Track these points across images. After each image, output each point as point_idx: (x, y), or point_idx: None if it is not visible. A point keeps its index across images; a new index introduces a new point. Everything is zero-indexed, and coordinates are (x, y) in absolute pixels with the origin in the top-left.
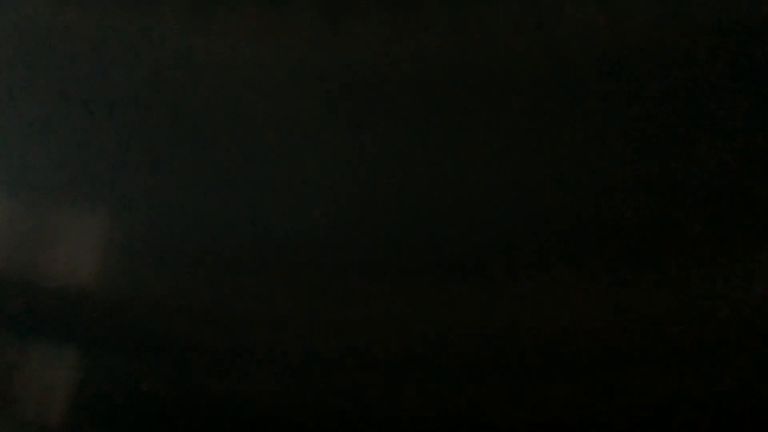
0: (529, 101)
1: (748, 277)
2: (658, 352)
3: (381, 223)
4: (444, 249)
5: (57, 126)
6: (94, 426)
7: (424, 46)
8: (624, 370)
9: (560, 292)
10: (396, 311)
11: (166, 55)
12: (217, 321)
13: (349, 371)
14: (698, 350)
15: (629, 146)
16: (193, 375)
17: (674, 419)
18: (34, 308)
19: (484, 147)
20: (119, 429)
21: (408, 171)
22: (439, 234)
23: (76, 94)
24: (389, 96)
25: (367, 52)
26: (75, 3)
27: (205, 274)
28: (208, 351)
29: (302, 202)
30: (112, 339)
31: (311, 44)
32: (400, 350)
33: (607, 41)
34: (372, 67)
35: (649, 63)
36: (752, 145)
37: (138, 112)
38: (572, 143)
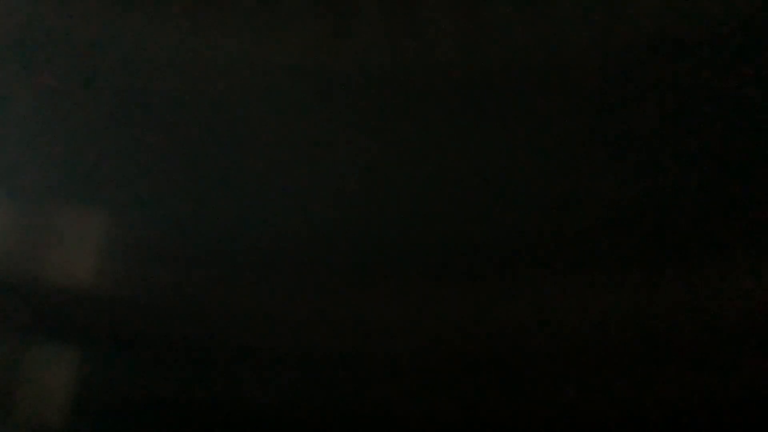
0: (529, 101)
1: (748, 277)
2: (658, 352)
3: (381, 223)
4: (444, 249)
5: (57, 126)
6: (94, 426)
7: (425, 47)
8: (624, 370)
9: (560, 292)
10: (396, 311)
11: (166, 55)
12: (217, 321)
13: (349, 371)
14: (698, 350)
15: (629, 146)
16: (193, 375)
17: (674, 419)
18: (34, 308)
19: (484, 147)
20: (119, 429)
21: (408, 171)
22: (439, 234)
23: (75, 94)
24: (390, 96)
25: (368, 52)
26: (74, 3)
27: (205, 274)
28: (208, 351)
29: (302, 202)
30: (112, 339)
31: (311, 44)
32: (400, 350)
33: (606, 41)
34: (372, 68)
35: (648, 63)
36: (752, 145)
37: (137, 112)
38: (571, 143)
